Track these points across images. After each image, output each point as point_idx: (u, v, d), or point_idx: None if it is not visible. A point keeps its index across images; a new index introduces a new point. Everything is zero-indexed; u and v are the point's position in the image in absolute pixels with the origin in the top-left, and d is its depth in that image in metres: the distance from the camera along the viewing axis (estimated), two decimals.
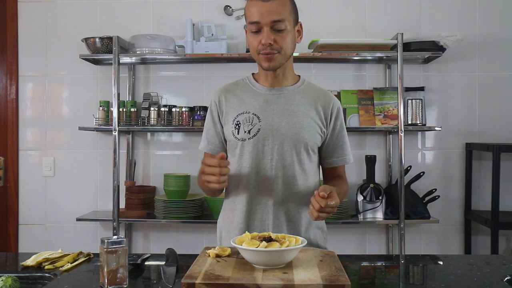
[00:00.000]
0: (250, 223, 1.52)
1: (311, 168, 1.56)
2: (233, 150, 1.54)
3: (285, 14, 1.45)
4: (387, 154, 2.75)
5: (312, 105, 1.55)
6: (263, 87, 1.56)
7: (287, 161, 1.50)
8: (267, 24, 1.43)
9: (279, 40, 1.45)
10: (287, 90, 1.56)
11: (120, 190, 2.57)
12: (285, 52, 1.48)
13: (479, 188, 2.72)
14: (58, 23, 2.81)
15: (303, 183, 1.53)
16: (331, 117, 1.57)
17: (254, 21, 1.44)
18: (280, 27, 1.44)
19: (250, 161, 1.50)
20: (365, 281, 1.25)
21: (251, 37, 1.48)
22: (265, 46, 1.44)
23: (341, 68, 2.77)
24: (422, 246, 2.76)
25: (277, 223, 1.51)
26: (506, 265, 1.32)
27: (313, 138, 1.53)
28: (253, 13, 1.45)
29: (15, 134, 2.82)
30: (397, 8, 2.75)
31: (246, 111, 1.52)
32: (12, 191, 2.82)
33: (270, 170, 1.50)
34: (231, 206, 1.57)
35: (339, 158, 1.60)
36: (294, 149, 1.50)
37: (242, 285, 1.01)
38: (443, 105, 2.75)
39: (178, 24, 2.74)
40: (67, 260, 1.30)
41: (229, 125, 1.53)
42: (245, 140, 1.50)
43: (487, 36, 2.73)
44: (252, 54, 1.52)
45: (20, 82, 2.83)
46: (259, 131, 1.50)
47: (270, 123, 1.50)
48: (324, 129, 1.56)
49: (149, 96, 2.68)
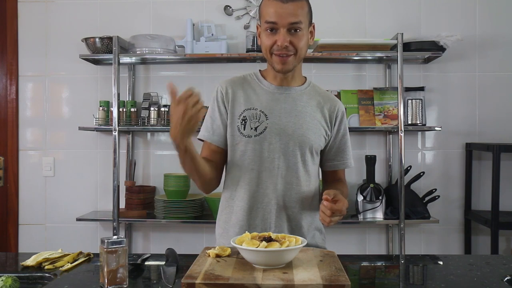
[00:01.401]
0: (251, 222, 1.50)
1: (313, 170, 1.56)
2: (236, 145, 1.51)
3: (302, 16, 1.44)
4: (387, 154, 2.75)
5: (318, 107, 1.55)
6: (271, 85, 1.55)
7: (291, 162, 1.49)
8: (284, 26, 1.42)
9: (295, 41, 1.44)
10: (294, 91, 1.55)
11: (120, 190, 2.57)
12: (300, 54, 1.47)
13: (479, 188, 2.72)
14: (58, 23, 2.81)
15: (306, 184, 1.52)
16: (336, 120, 1.57)
17: (271, 21, 1.43)
18: (297, 28, 1.43)
19: (254, 159, 1.49)
20: (365, 281, 1.25)
21: (265, 36, 1.46)
22: (280, 47, 1.43)
23: (341, 68, 2.77)
24: (422, 246, 2.76)
25: (279, 223, 1.50)
26: (506, 265, 1.32)
27: (318, 140, 1.53)
28: (270, 13, 1.43)
29: (15, 134, 2.82)
30: (397, 8, 2.75)
31: (253, 107, 1.51)
32: (12, 191, 2.82)
33: (274, 169, 1.49)
34: (229, 202, 1.55)
35: (340, 162, 1.61)
36: (299, 150, 1.50)
37: (242, 285, 1.01)
38: (443, 105, 2.75)
39: (178, 24, 2.74)
40: (67, 260, 1.30)
41: (235, 119, 1.51)
42: (251, 137, 1.48)
43: (487, 36, 2.73)
44: (264, 53, 1.50)
45: (20, 82, 2.83)
46: (265, 129, 1.48)
47: (277, 122, 1.49)
48: (328, 132, 1.56)
49: (149, 96, 2.68)
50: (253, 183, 1.50)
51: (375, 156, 2.60)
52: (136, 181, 2.78)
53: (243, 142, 1.49)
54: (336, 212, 1.32)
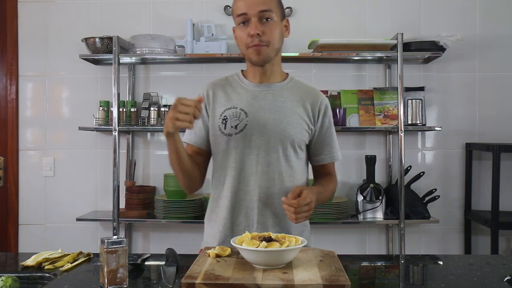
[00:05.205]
0: (234, 219, 1.52)
1: (298, 165, 1.55)
2: (218, 145, 1.53)
3: (272, 5, 1.47)
4: (387, 154, 2.75)
5: (299, 102, 1.55)
6: (251, 83, 1.57)
7: (273, 157, 1.50)
8: (255, 15, 1.45)
9: (267, 31, 1.46)
10: (275, 87, 1.56)
11: (120, 190, 2.57)
12: (274, 45, 1.49)
13: (479, 188, 2.72)
14: (58, 23, 2.81)
15: (290, 180, 1.52)
16: (319, 114, 1.57)
17: (242, 13, 1.46)
18: (268, 16, 1.46)
19: (235, 157, 1.50)
20: (365, 281, 1.25)
21: (239, 31, 1.50)
22: (253, 37, 1.45)
23: (341, 68, 2.77)
24: (422, 246, 2.76)
25: (262, 220, 1.50)
26: (506, 265, 1.32)
27: (300, 134, 1.53)
28: (240, 6, 1.47)
29: (15, 134, 2.82)
30: (397, 8, 2.75)
31: (234, 106, 1.52)
32: (12, 191, 2.82)
33: (255, 166, 1.50)
34: (216, 202, 1.57)
35: (327, 155, 1.61)
36: (281, 145, 1.50)
37: (242, 285, 1.01)
38: (443, 105, 2.75)
39: (178, 24, 2.74)
40: (67, 260, 1.30)
41: (216, 120, 1.53)
42: (231, 135, 1.50)
43: (487, 36, 2.73)
44: (241, 49, 1.52)
45: (20, 82, 2.83)
46: (245, 127, 1.49)
47: (257, 118, 1.50)
48: (312, 126, 1.56)
49: (149, 96, 2.68)
50: (235, 181, 1.51)
51: (375, 156, 2.60)
52: (136, 181, 2.78)
53: (224, 141, 1.51)
54: (303, 208, 1.32)
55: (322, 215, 2.51)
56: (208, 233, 1.61)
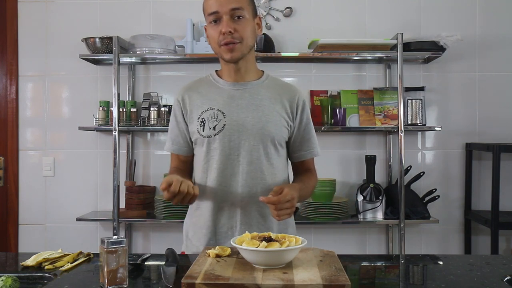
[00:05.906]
0: (217, 221, 1.51)
1: (279, 163, 1.55)
2: (199, 147, 1.53)
3: (243, 3, 1.46)
4: (387, 154, 2.75)
5: (277, 99, 1.54)
6: (227, 83, 1.55)
7: (254, 156, 1.49)
8: (226, 13, 1.43)
9: (239, 29, 1.44)
10: (251, 85, 1.55)
11: (120, 190, 2.57)
12: (246, 42, 1.47)
13: (479, 188, 2.72)
14: (58, 23, 2.81)
15: (271, 178, 1.51)
16: (297, 110, 1.56)
17: (213, 11, 1.45)
18: (239, 14, 1.44)
19: (216, 158, 1.49)
20: (365, 281, 1.25)
21: (211, 30, 1.48)
22: (225, 35, 1.43)
23: (341, 68, 2.77)
24: (422, 246, 2.76)
25: (245, 220, 1.50)
26: (506, 265, 1.32)
27: (279, 132, 1.52)
28: (211, 4, 1.46)
29: (15, 134, 2.82)
30: (397, 8, 2.75)
31: (210, 107, 1.51)
32: (12, 191, 2.82)
33: (237, 165, 1.49)
34: (197, 204, 1.56)
35: (307, 151, 1.60)
36: (261, 143, 1.49)
37: (242, 285, 1.01)
38: (443, 105, 2.75)
39: (178, 24, 2.74)
40: (67, 260, 1.30)
41: (194, 123, 1.52)
42: (210, 136, 1.49)
43: (487, 36, 2.73)
44: (213, 48, 1.51)
45: (20, 82, 2.83)
46: (224, 127, 1.48)
47: (235, 118, 1.49)
48: (290, 123, 1.55)
49: (149, 96, 2.68)
50: (217, 182, 1.50)
51: (375, 156, 2.60)
52: (136, 181, 2.78)
53: (205, 143, 1.50)
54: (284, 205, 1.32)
55: (322, 215, 2.51)
56: (189, 236, 1.60)
